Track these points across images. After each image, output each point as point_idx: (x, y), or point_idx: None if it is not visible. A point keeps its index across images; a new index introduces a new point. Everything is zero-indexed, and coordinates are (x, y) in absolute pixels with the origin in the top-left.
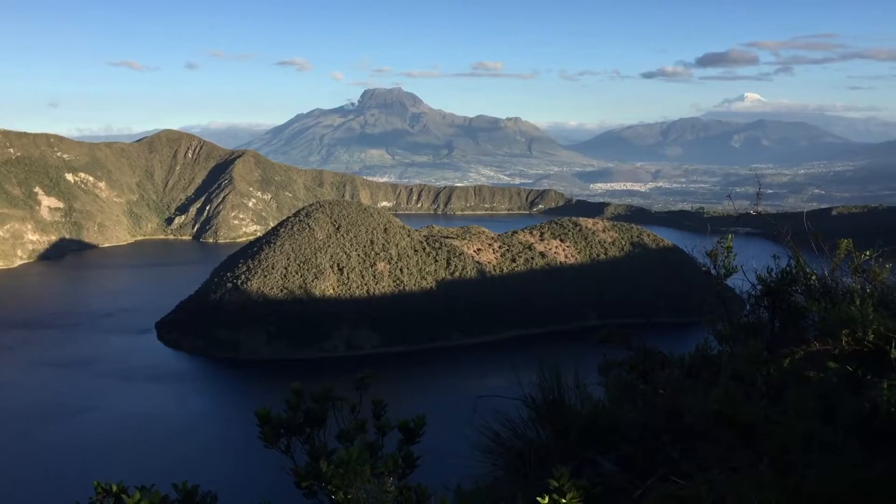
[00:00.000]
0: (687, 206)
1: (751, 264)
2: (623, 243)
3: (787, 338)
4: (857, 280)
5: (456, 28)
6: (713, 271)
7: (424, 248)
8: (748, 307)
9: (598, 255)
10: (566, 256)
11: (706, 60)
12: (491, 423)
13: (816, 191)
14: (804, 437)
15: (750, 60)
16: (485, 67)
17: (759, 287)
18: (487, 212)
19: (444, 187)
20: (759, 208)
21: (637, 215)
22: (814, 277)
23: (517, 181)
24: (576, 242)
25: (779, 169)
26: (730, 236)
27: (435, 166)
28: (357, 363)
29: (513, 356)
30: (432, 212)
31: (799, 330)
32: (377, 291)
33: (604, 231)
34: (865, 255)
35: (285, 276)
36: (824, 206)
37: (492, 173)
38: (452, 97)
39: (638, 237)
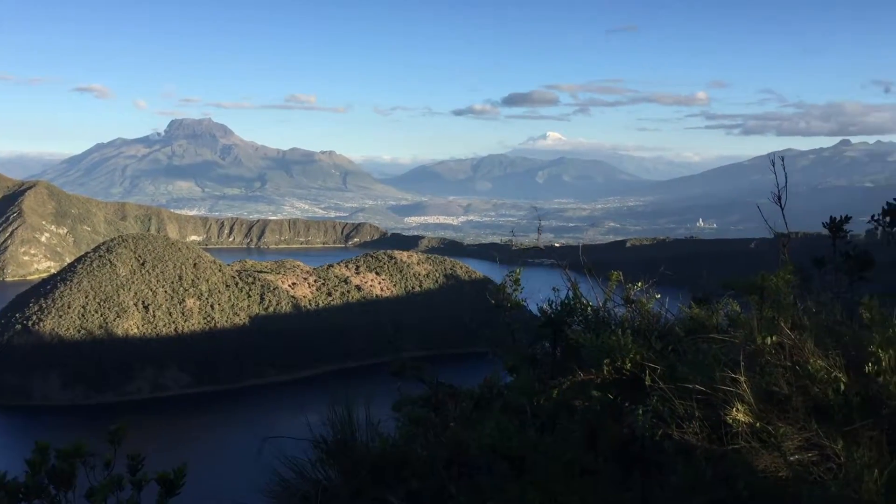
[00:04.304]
0: (497, 239)
1: (549, 295)
2: (437, 275)
3: (565, 368)
4: (629, 310)
5: (268, 60)
6: (501, 304)
7: (237, 283)
8: (532, 338)
9: (413, 288)
10: (382, 289)
11: (512, 100)
12: (277, 465)
13: (613, 224)
14: (567, 464)
15: (551, 101)
16: (298, 100)
17: (541, 318)
18: (302, 245)
19: (258, 221)
20: (542, 242)
21: (450, 248)
22: (589, 308)
23: (332, 215)
24: (391, 275)
25: (579, 203)
26: (517, 269)
27: (247, 199)
28: (163, 405)
29: (326, 391)
30: (245, 246)
31: (576, 360)
32: (186, 329)
33: (418, 264)
34: (637, 285)
35: (83, 315)
36: (620, 238)
37: (306, 206)
38: (265, 129)
39: (451, 269)
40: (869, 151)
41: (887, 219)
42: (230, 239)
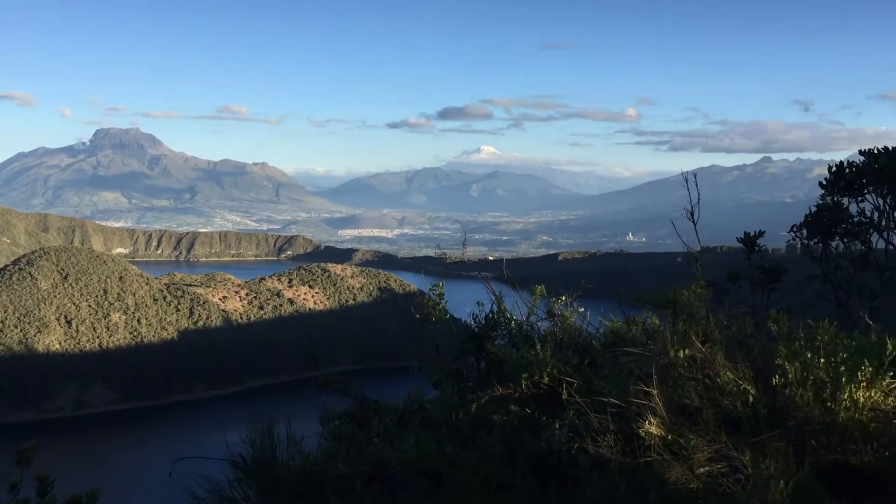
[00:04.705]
0: (431, 252)
1: (474, 309)
2: (371, 289)
3: (488, 382)
4: (552, 323)
5: (198, 69)
6: (426, 318)
7: (165, 297)
8: (456, 352)
9: (347, 301)
10: (315, 303)
11: (446, 114)
12: (193, 485)
13: (545, 237)
14: (485, 479)
15: (485, 115)
16: (230, 111)
17: (466, 332)
18: (234, 258)
19: (187, 233)
20: (477, 256)
21: (384, 261)
22: (513, 322)
23: (265, 227)
24: (325, 288)
25: (512, 217)
26: (440, 283)
27: (177, 211)
28: (86, 423)
29: (255, 407)
30: (174, 259)
31: (499, 374)
32: (111, 344)
33: (352, 277)
34: (561, 299)
35: (2, 330)
36: (552, 251)
37: (238, 219)
38: (196, 140)
39: (385, 282)
40: (789, 168)
41: (804, 231)
42: (158, 252)
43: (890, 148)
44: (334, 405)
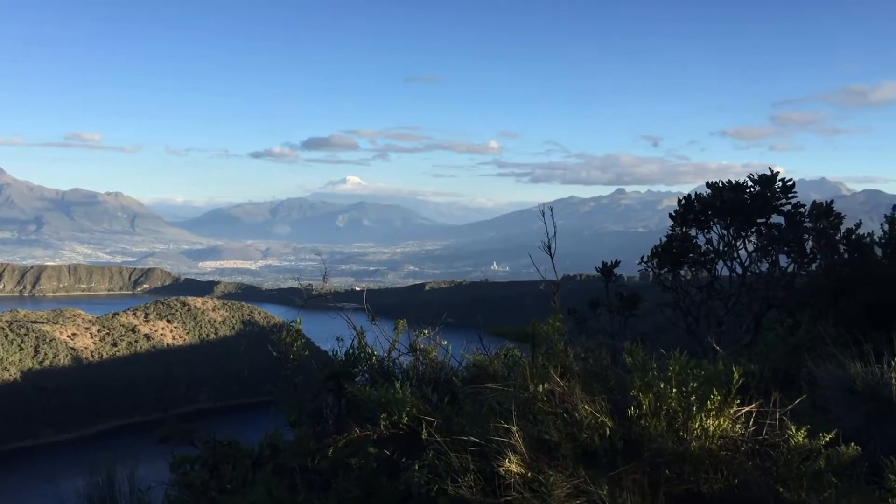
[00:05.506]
0: (296, 284)
1: (333, 345)
2: (234, 322)
3: (347, 423)
4: (414, 358)
5: (44, 95)
6: (283, 355)
7: (7, 336)
8: (315, 390)
9: (208, 335)
10: (174, 338)
11: (311, 144)
12: None
13: (412, 268)
14: None
15: (351, 146)
16: (81, 138)
17: (325, 370)
18: (85, 293)
19: (32, 266)
20: (343, 286)
21: (248, 293)
22: (374, 358)
23: (119, 259)
24: (184, 323)
25: (379, 248)
26: (299, 319)
27: (20, 243)
28: None
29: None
30: (18, 294)
31: (360, 413)
32: None
33: (214, 310)
34: (424, 332)
35: None
36: (419, 281)
37: (89, 251)
38: (42, 168)
39: (249, 315)
40: (641, 199)
41: (654, 262)
42: (0, 287)
43: (733, 182)
44: (188, 449)
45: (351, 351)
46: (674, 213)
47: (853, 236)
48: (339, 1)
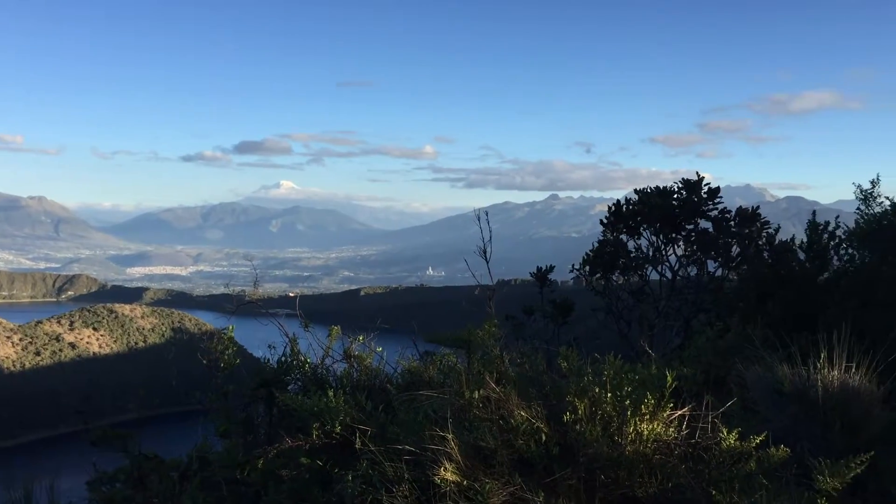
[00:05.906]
0: (229, 290)
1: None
2: (164, 329)
3: (279, 433)
4: (349, 365)
5: None
6: (213, 363)
7: None
8: (247, 400)
9: (136, 343)
10: (101, 346)
11: (244, 147)
12: None
13: (347, 273)
14: None
15: (284, 150)
16: (1, 140)
17: (256, 378)
18: (6, 300)
19: None
20: (277, 292)
21: (178, 300)
22: (307, 365)
23: (42, 266)
24: (111, 331)
25: (313, 253)
26: (231, 326)
27: None
28: None
29: (26, 464)
30: None
31: (292, 423)
32: None
33: (142, 317)
34: (359, 339)
35: None
36: (354, 287)
37: (11, 257)
38: None
39: (179, 322)
40: (574, 205)
41: (587, 268)
42: None
43: (661, 188)
44: (111, 462)
45: (283, 358)
46: (605, 220)
47: (775, 241)
48: (271, 3)
